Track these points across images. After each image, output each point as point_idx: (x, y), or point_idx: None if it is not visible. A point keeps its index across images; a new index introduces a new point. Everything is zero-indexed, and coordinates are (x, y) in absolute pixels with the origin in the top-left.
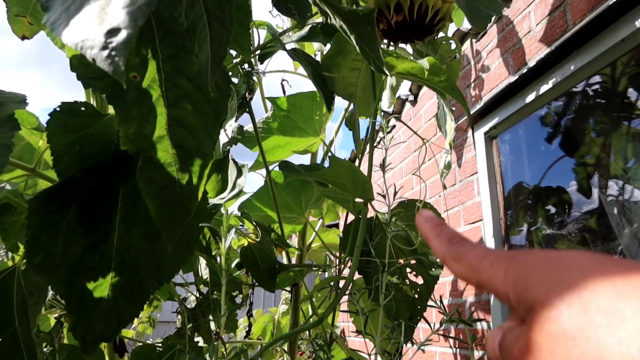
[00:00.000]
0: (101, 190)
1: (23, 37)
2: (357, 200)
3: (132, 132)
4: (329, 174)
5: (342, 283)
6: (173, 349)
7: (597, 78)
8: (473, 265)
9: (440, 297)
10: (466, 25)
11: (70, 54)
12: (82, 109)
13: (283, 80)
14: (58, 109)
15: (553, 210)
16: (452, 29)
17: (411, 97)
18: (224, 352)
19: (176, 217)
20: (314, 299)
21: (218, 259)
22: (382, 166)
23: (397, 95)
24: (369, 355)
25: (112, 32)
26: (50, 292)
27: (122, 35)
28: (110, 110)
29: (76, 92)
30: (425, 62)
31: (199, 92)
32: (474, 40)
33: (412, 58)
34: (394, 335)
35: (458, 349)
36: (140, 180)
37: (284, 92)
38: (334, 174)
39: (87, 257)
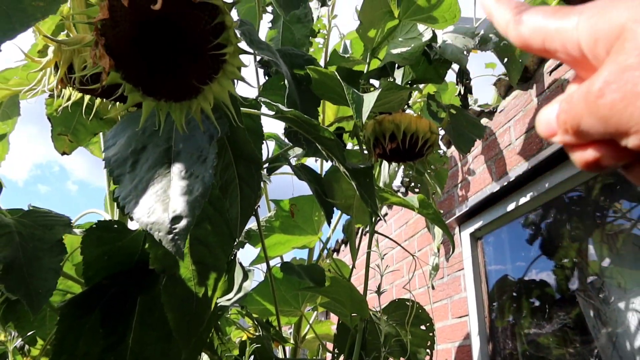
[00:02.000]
0: (122, 295)
1: (63, 153)
2: (353, 315)
3: (160, 253)
4: (329, 291)
5: None
6: None
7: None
8: (540, 21)
9: None
10: None
11: (112, 187)
12: (115, 226)
13: (292, 205)
14: (95, 226)
15: (536, 304)
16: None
17: (402, 189)
18: None
19: (192, 327)
20: None
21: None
22: (378, 292)
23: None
24: None
25: (176, 219)
26: None
27: (184, 222)
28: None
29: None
30: (415, 201)
31: (217, 214)
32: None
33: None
34: None
35: None
36: (164, 294)
37: (292, 214)
38: (333, 291)
39: (105, 357)
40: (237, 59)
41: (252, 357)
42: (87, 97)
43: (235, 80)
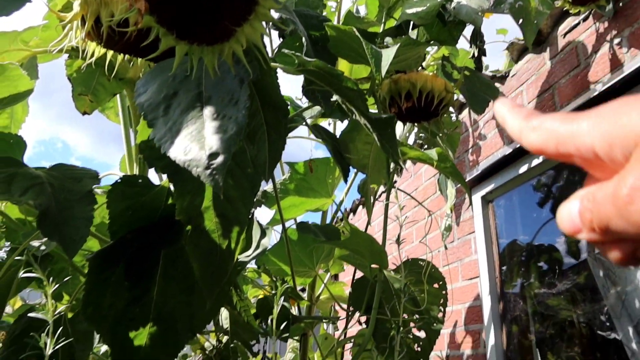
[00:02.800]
0: (146, 249)
1: (84, 113)
2: (373, 265)
3: (186, 204)
4: (348, 243)
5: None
6: None
7: None
8: (552, 127)
9: (440, 351)
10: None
11: (139, 140)
12: (139, 180)
13: (311, 161)
14: (119, 180)
15: (545, 267)
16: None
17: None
18: None
19: (216, 278)
20: (320, 350)
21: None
22: (398, 241)
23: None
24: None
25: (213, 155)
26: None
27: (220, 159)
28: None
29: (72, 125)
30: (433, 154)
31: (238, 168)
32: (472, 110)
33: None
34: None
35: None
36: (189, 245)
37: (311, 170)
38: (353, 243)
39: (130, 309)
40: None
41: (269, 313)
42: (109, 54)
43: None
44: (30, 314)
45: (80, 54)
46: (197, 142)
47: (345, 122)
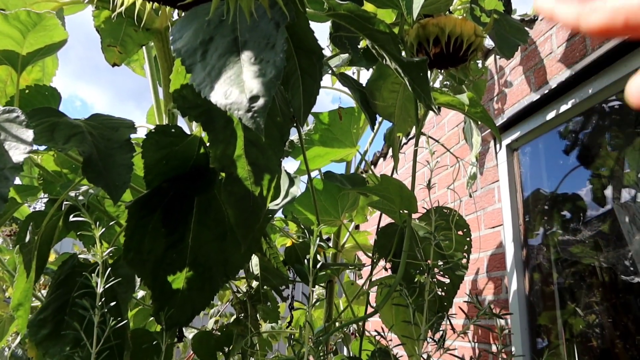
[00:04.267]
0: (180, 197)
1: (114, 65)
2: (402, 211)
3: (219, 152)
4: (378, 189)
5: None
6: (230, 335)
7: (613, 97)
8: (619, 3)
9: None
10: (489, 42)
11: (172, 89)
12: (172, 130)
13: (340, 108)
14: (154, 130)
15: (568, 215)
16: None
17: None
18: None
19: (249, 223)
20: (344, 296)
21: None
22: (428, 185)
23: None
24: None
25: (253, 98)
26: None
27: (261, 101)
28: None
29: (90, 83)
30: (465, 98)
31: (268, 117)
32: (497, 56)
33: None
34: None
35: (477, 343)
36: (224, 192)
37: (340, 117)
38: (383, 189)
39: (167, 254)
40: None
41: (297, 260)
42: (138, 3)
43: None
44: (79, 257)
45: (111, 3)
46: (236, 86)
47: (367, 71)
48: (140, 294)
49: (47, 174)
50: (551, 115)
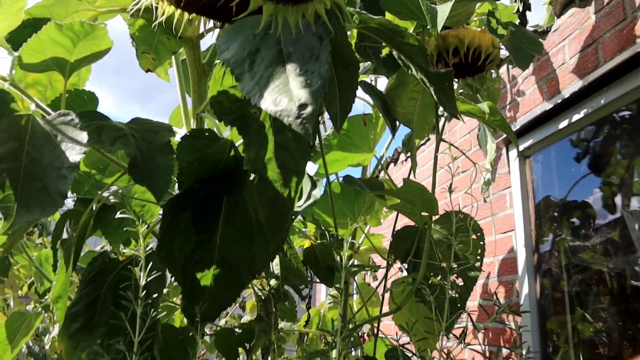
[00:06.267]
0: (210, 198)
1: (147, 70)
2: (424, 214)
3: (252, 155)
4: (401, 192)
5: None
6: (251, 332)
7: (624, 107)
8: None
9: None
10: (502, 52)
11: (209, 95)
12: (206, 134)
13: (364, 115)
14: (188, 133)
15: (578, 222)
16: None
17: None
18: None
19: (279, 223)
20: (357, 297)
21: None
22: (450, 189)
23: None
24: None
25: (302, 106)
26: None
27: (309, 109)
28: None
29: (95, 85)
30: (485, 107)
31: None
32: (510, 66)
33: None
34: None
35: (487, 346)
36: (255, 193)
37: (364, 123)
38: (405, 192)
39: (197, 252)
40: None
41: (315, 261)
42: (177, 14)
43: None
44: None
45: (144, 11)
46: (285, 95)
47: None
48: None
49: (77, 174)
50: (564, 124)
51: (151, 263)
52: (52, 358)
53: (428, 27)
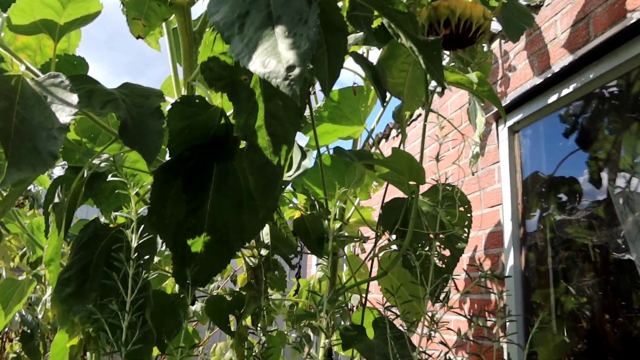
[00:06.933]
0: (201, 165)
1: (138, 37)
2: (410, 182)
3: (242, 122)
4: (390, 161)
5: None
6: (241, 299)
7: (613, 82)
8: None
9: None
10: (495, 26)
11: (200, 61)
12: (197, 100)
13: (355, 84)
14: (179, 100)
15: (565, 198)
16: None
17: (439, 89)
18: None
19: (268, 190)
20: (346, 269)
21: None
22: (437, 159)
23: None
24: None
25: (290, 68)
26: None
27: (297, 70)
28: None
29: (85, 56)
30: (474, 77)
31: None
32: (502, 41)
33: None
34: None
35: (476, 317)
36: (245, 160)
37: (355, 93)
38: (394, 161)
39: (187, 219)
40: None
41: (305, 232)
42: None
43: None
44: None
45: None
46: (274, 57)
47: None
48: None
49: (68, 143)
50: (553, 98)
51: (142, 227)
52: (45, 327)
53: None
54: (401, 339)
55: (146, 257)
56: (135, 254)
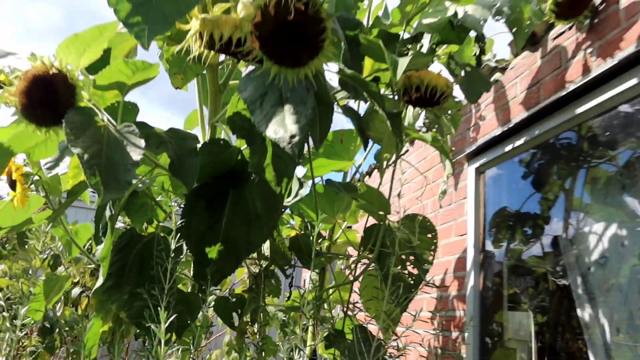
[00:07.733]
0: (220, 191)
1: (177, 87)
2: (380, 212)
3: (255, 161)
4: (365, 195)
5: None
6: (243, 301)
7: (562, 135)
8: None
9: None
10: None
11: (228, 115)
12: (221, 142)
13: (342, 132)
14: (208, 141)
15: (519, 229)
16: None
17: (424, 129)
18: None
19: (272, 212)
20: (333, 282)
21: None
22: (399, 195)
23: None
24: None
25: (293, 136)
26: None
27: (297, 139)
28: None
29: None
30: (428, 136)
31: None
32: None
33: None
34: (394, 305)
35: (441, 332)
36: (256, 189)
37: (341, 140)
38: (367, 195)
39: (207, 231)
40: (330, 47)
41: (299, 249)
42: (211, 54)
43: None
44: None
45: (192, 51)
46: (282, 127)
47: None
48: None
49: None
50: (509, 147)
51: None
52: (62, 323)
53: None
54: (373, 340)
55: (177, 258)
56: (173, 254)
